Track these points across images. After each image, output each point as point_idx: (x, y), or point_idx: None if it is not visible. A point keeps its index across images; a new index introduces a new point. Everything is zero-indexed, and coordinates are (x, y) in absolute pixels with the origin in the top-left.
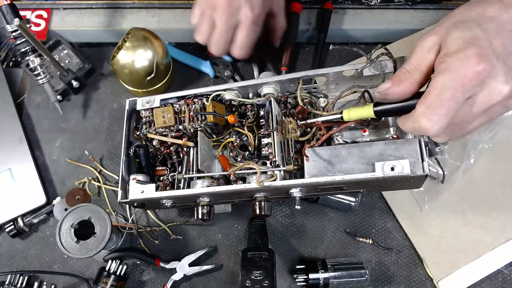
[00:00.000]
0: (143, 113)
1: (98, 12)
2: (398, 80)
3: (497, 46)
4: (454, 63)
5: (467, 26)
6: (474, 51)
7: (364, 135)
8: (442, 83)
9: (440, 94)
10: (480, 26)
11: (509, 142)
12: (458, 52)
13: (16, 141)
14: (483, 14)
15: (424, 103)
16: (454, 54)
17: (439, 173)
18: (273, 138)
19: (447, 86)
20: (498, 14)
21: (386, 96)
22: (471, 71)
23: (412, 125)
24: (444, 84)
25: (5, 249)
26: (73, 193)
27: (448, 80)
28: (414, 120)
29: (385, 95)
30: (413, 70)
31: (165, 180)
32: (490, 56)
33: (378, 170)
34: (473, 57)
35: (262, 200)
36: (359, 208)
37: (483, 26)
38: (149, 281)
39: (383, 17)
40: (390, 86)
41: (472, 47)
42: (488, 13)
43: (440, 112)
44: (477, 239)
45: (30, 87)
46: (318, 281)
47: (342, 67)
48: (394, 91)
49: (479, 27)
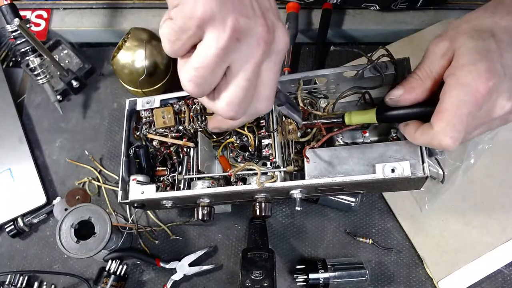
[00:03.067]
0: (143, 113)
1: (98, 12)
2: (410, 87)
3: (507, 60)
4: (465, 77)
5: (481, 37)
6: (485, 66)
7: (364, 136)
8: (457, 98)
9: (458, 110)
10: (494, 38)
11: (509, 142)
12: (469, 65)
13: (16, 141)
14: (499, 23)
15: (442, 119)
16: (465, 67)
17: (439, 173)
18: (273, 139)
19: (463, 101)
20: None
21: (397, 103)
22: (482, 86)
23: (429, 142)
24: (459, 99)
25: (5, 249)
26: (73, 193)
27: (463, 95)
28: (433, 137)
29: (397, 103)
30: (425, 77)
31: (165, 180)
32: (499, 71)
33: (379, 172)
34: (483, 73)
35: (263, 201)
36: (359, 208)
37: (498, 37)
38: (149, 281)
39: (383, 17)
40: (402, 94)
41: (484, 60)
42: (504, 23)
43: (460, 128)
44: (477, 239)
45: (30, 87)
46: (318, 281)
47: (343, 68)
48: (405, 98)
49: (493, 38)
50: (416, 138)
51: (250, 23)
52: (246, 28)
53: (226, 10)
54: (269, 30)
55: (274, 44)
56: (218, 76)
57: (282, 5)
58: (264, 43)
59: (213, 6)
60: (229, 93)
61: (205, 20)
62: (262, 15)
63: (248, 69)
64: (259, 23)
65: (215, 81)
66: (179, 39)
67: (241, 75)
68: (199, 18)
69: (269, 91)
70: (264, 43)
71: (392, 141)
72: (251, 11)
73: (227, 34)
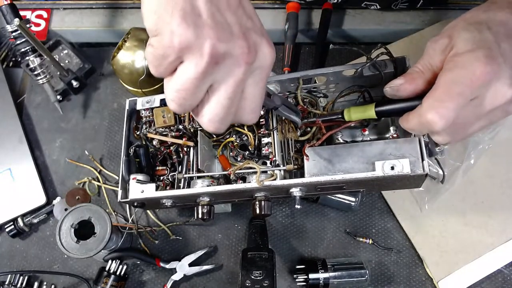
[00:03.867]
0: (143, 113)
1: (98, 12)
2: (411, 78)
3: (505, 50)
4: (463, 62)
5: (477, 29)
6: (483, 52)
7: (364, 135)
8: (450, 79)
9: (449, 88)
10: (490, 30)
11: (509, 142)
12: (468, 52)
13: (16, 141)
14: (494, 18)
15: (431, 97)
16: (463, 54)
17: (439, 173)
18: (273, 138)
19: (456, 81)
20: (508, 18)
21: (397, 92)
22: (479, 70)
23: (417, 120)
24: (453, 79)
25: (5, 249)
26: (73, 193)
27: (457, 76)
28: (420, 114)
29: (397, 91)
30: (425, 70)
31: (165, 180)
32: (498, 58)
33: (378, 169)
34: (482, 58)
35: (262, 200)
36: (359, 208)
37: (493, 29)
38: (149, 281)
39: (383, 17)
40: (402, 83)
41: (482, 48)
42: (498, 17)
43: (448, 105)
44: (477, 239)
45: (30, 87)
46: (318, 281)
47: (342, 67)
48: (405, 87)
49: (489, 30)
50: (409, 121)
51: (228, 46)
52: (224, 52)
53: (202, 37)
54: (249, 50)
55: (257, 62)
56: (199, 96)
57: (282, 5)
58: (244, 63)
59: (188, 35)
60: (210, 109)
61: (183, 49)
62: (243, 35)
63: (229, 88)
64: (237, 45)
65: (196, 100)
66: (161, 65)
67: (222, 94)
68: (176, 48)
69: (254, 105)
70: (244, 63)
71: (391, 139)
72: (229, 34)
73: (205, 59)
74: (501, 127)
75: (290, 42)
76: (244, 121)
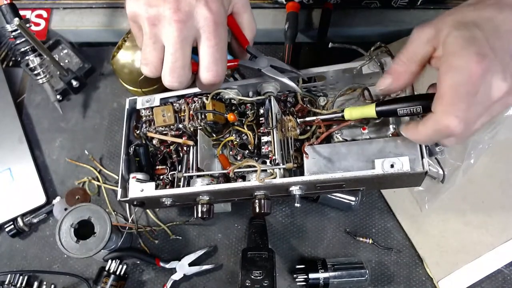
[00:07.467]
0: (143, 112)
1: (98, 11)
2: (397, 73)
3: (494, 44)
4: (457, 62)
5: (466, 27)
6: (474, 50)
7: (363, 133)
8: (453, 81)
9: (455, 90)
10: (478, 27)
11: (509, 142)
12: (459, 50)
13: (16, 141)
14: (480, 15)
15: (441, 104)
16: (455, 52)
17: (439, 173)
18: (272, 136)
19: (459, 82)
20: (494, 15)
21: (389, 92)
22: (475, 67)
23: (435, 129)
24: (456, 81)
25: (5, 249)
26: (73, 193)
27: (458, 78)
28: (438, 122)
29: (389, 92)
30: (409, 61)
31: (165, 179)
32: (489, 54)
33: (378, 167)
34: (474, 55)
35: (262, 198)
36: (359, 207)
37: (481, 26)
38: (149, 281)
39: (383, 17)
40: (391, 83)
41: (472, 45)
42: (485, 15)
43: (462, 107)
44: (477, 239)
45: (30, 87)
46: (318, 281)
47: (342, 65)
48: (395, 86)
49: (477, 27)
50: (420, 131)
51: (159, 10)
52: (156, 15)
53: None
54: (177, 10)
55: (194, 21)
56: (156, 55)
57: (282, 5)
58: (175, 21)
59: (133, 6)
60: (165, 67)
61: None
62: (175, 0)
63: (171, 45)
64: (167, 7)
65: (155, 59)
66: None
67: (168, 50)
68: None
69: (207, 62)
70: (175, 22)
71: (391, 137)
72: (161, 1)
73: (145, 23)
74: (501, 126)
75: (290, 41)
76: (203, 80)
